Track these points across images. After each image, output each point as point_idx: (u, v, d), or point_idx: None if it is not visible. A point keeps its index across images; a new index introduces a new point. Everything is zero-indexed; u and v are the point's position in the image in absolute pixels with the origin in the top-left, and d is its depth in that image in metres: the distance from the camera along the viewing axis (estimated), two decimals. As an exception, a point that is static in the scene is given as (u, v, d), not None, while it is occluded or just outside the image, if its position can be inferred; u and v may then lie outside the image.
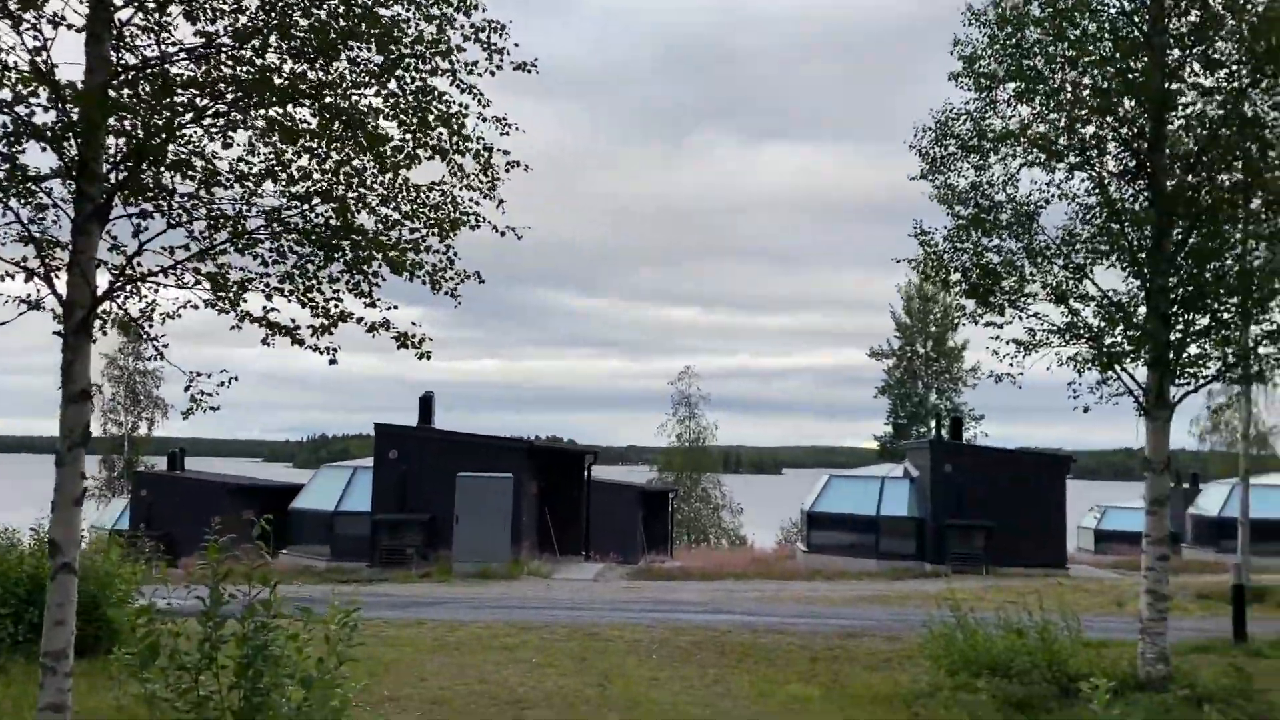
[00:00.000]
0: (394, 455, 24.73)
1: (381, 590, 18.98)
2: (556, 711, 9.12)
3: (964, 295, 10.83)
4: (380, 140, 6.03)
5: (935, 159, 10.91)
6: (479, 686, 10.03)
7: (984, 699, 9.46)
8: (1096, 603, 18.43)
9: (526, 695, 9.72)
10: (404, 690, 9.78)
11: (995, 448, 29.08)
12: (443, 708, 9.13)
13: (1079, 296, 10.67)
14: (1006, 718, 9.10)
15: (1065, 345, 10.79)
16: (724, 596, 18.87)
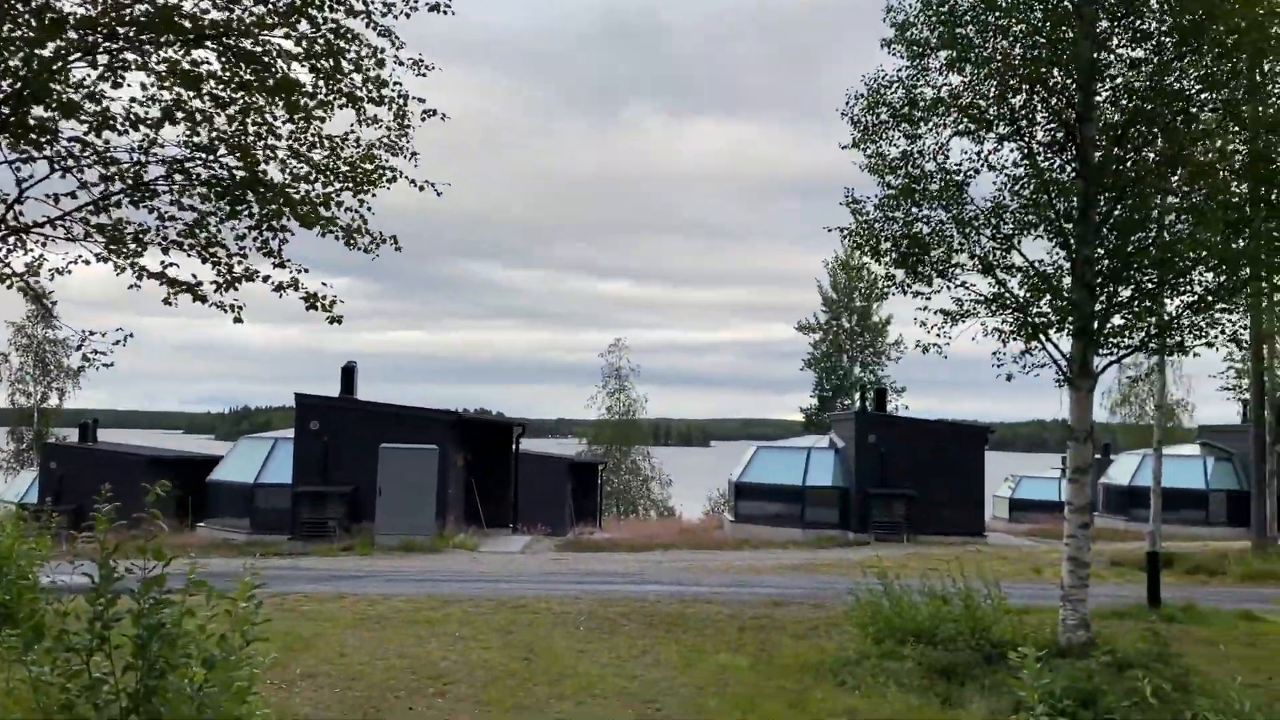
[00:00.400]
0: (315, 426, 24.14)
1: (302, 564, 18.52)
2: (480, 685, 8.90)
3: (894, 265, 10.78)
4: (290, 86, 5.66)
5: (867, 126, 10.81)
6: (399, 661, 9.76)
7: (910, 666, 9.47)
8: (1015, 570, 18.77)
9: (449, 669, 9.48)
10: (321, 667, 9.47)
11: (918, 418, 29.49)
12: (361, 683, 8.84)
13: (1006, 267, 10.69)
14: (931, 685, 9.11)
15: (992, 316, 10.83)
16: (652, 567, 18.80)
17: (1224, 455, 35.68)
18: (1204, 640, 11.98)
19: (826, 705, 8.60)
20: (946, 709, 8.51)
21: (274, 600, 13.30)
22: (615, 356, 58.89)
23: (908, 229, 10.73)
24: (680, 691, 8.94)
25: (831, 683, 9.40)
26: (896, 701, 8.63)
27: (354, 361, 25.46)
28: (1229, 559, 18.94)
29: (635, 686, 9.02)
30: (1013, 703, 8.35)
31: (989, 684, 9.12)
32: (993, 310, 10.67)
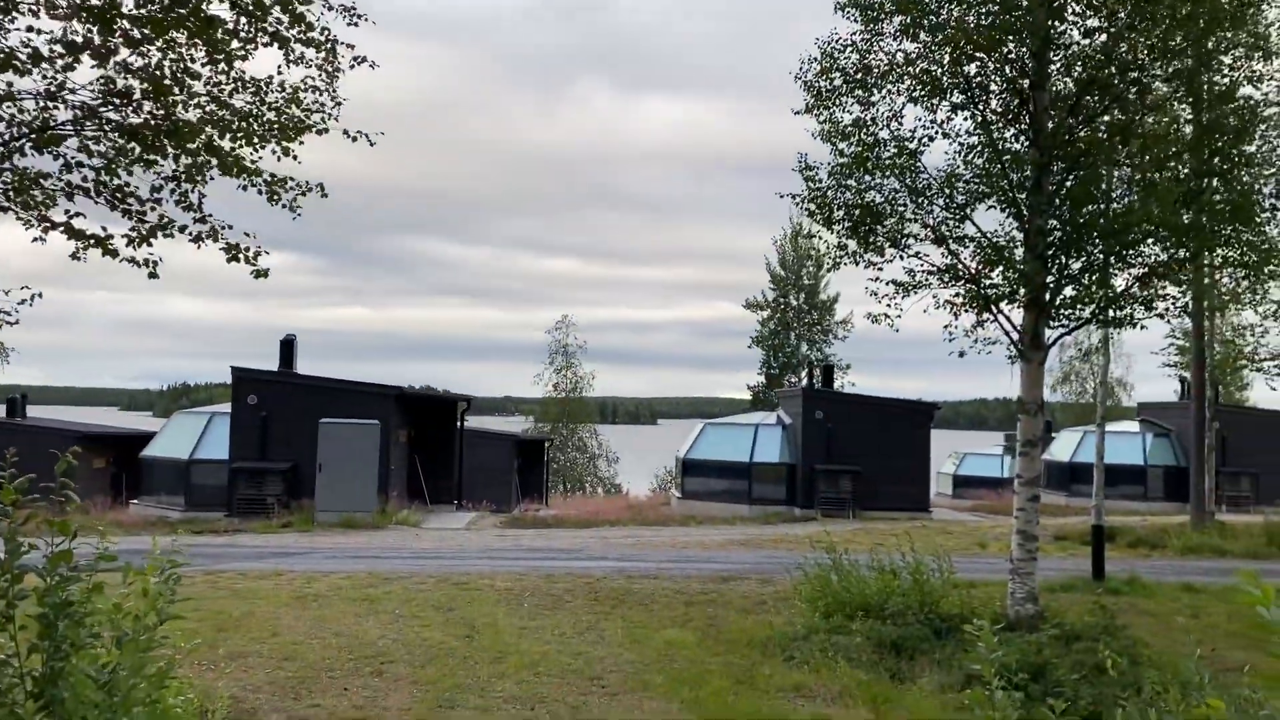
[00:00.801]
0: (253, 401, 23.50)
1: (238, 541, 18.01)
2: (418, 664, 8.59)
3: (846, 234, 10.58)
4: (211, 25, 5.24)
5: (820, 92, 10.59)
6: (335, 640, 9.41)
7: (859, 641, 9.35)
8: (960, 544, 18.84)
9: (387, 648, 9.16)
10: (252, 646, 9.09)
11: (864, 395, 29.57)
12: (293, 664, 8.49)
13: (959, 238, 10.55)
14: (881, 660, 9.00)
15: (944, 287, 10.70)
16: (598, 543, 18.57)
17: (1162, 432, 36.38)
18: (1148, 612, 12.06)
19: (775, 681, 8.43)
20: (896, 683, 8.40)
21: (207, 578, 12.87)
22: (562, 333, 58.55)
23: (860, 197, 10.53)
24: (626, 668, 8.72)
25: (779, 658, 9.25)
26: (846, 676, 8.49)
27: (293, 335, 24.81)
28: (1169, 533, 19.20)
29: (579, 664, 8.78)
30: (963, 677, 8.28)
31: (939, 658, 9.04)
32: (945, 281, 10.54)
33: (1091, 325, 11.05)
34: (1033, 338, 10.19)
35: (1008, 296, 10.34)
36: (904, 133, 10.42)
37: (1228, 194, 9.99)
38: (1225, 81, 10.19)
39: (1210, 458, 21.70)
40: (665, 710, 7.52)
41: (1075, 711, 7.35)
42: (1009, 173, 10.16)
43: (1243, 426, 34.25)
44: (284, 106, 5.48)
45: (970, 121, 10.52)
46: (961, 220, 10.48)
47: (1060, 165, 10.06)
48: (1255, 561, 17.23)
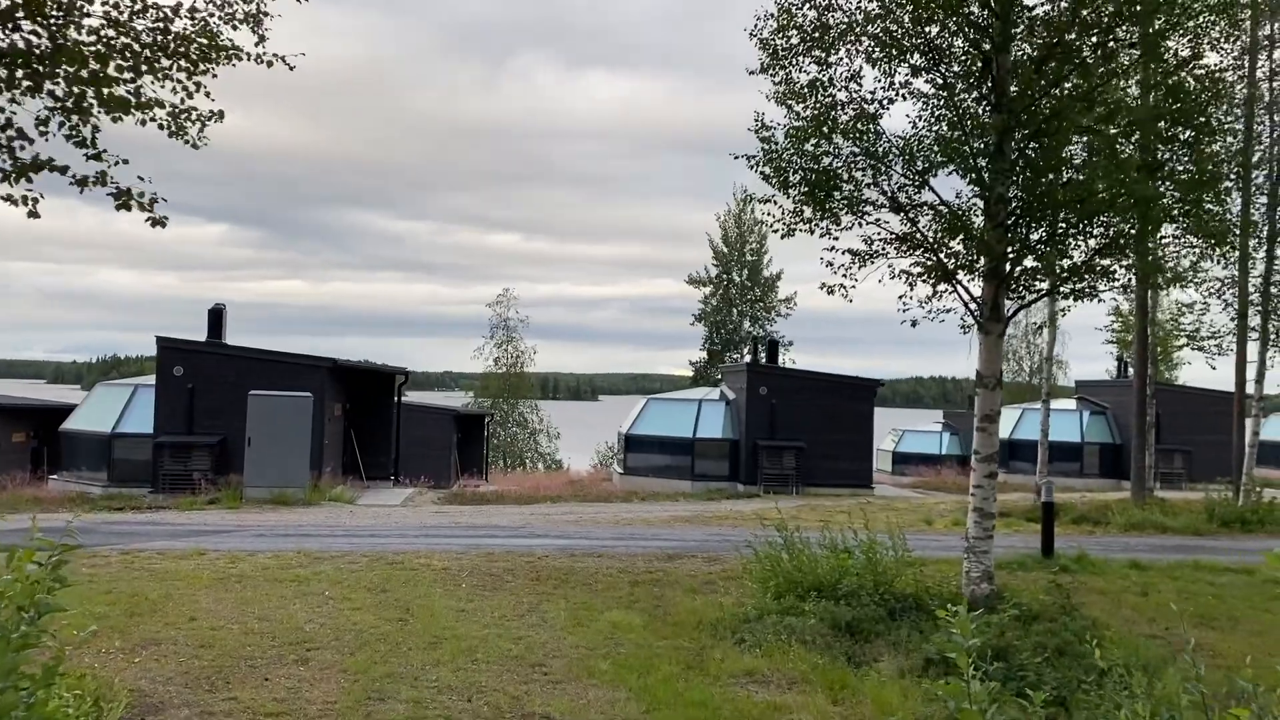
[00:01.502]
0: (179, 372, 22.53)
1: (161, 518, 17.19)
2: (347, 651, 8.03)
3: (803, 200, 10.14)
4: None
5: (776, 50, 10.11)
6: (258, 625, 8.80)
7: (812, 623, 8.99)
8: (906, 521, 18.61)
9: (315, 633, 8.57)
10: (167, 632, 8.45)
11: (809, 371, 29.36)
12: (211, 651, 7.87)
13: (917, 205, 10.18)
14: (836, 642, 8.64)
15: (902, 256, 10.33)
16: (539, 520, 18.07)
17: (1099, 410, 36.88)
18: (1099, 591, 11.89)
19: (726, 665, 8.03)
20: (854, 668, 8.04)
21: (123, 559, 12.14)
22: (503, 307, 57.76)
23: (816, 162, 10.10)
24: (569, 653, 8.26)
25: (730, 641, 8.85)
26: (800, 660, 8.12)
27: (222, 304, 23.84)
28: (1111, 509, 19.24)
29: (520, 649, 8.29)
30: (922, 661, 7.95)
31: (894, 640, 8.71)
32: (903, 250, 10.17)
33: (1053, 297, 10.76)
34: (992, 309, 9.87)
35: (967, 266, 10.00)
36: (863, 94, 9.99)
37: (1190, 164, 9.74)
38: (1187, 51, 9.90)
39: (1151, 435, 21.78)
40: (612, 699, 7.07)
41: (1041, 696, 7.06)
42: (970, 139, 9.80)
43: (1175, 405, 34.75)
44: (195, 35, 4.85)
45: (930, 85, 10.12)
46: (920, 187, 10.10)
47: (1023, 132, 9.71)
48: (1197, 538, 17.31)
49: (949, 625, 7.90)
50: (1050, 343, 21.45)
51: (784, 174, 9.96)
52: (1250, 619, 10.78)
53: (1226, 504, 18.97)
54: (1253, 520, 18.49)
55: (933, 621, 9.22)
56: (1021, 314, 60.92)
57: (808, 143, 10.07)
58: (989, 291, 9.87)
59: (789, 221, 10.24)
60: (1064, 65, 9.79)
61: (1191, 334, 21.91)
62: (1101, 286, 9.93)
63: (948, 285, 10.07)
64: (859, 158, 10.00)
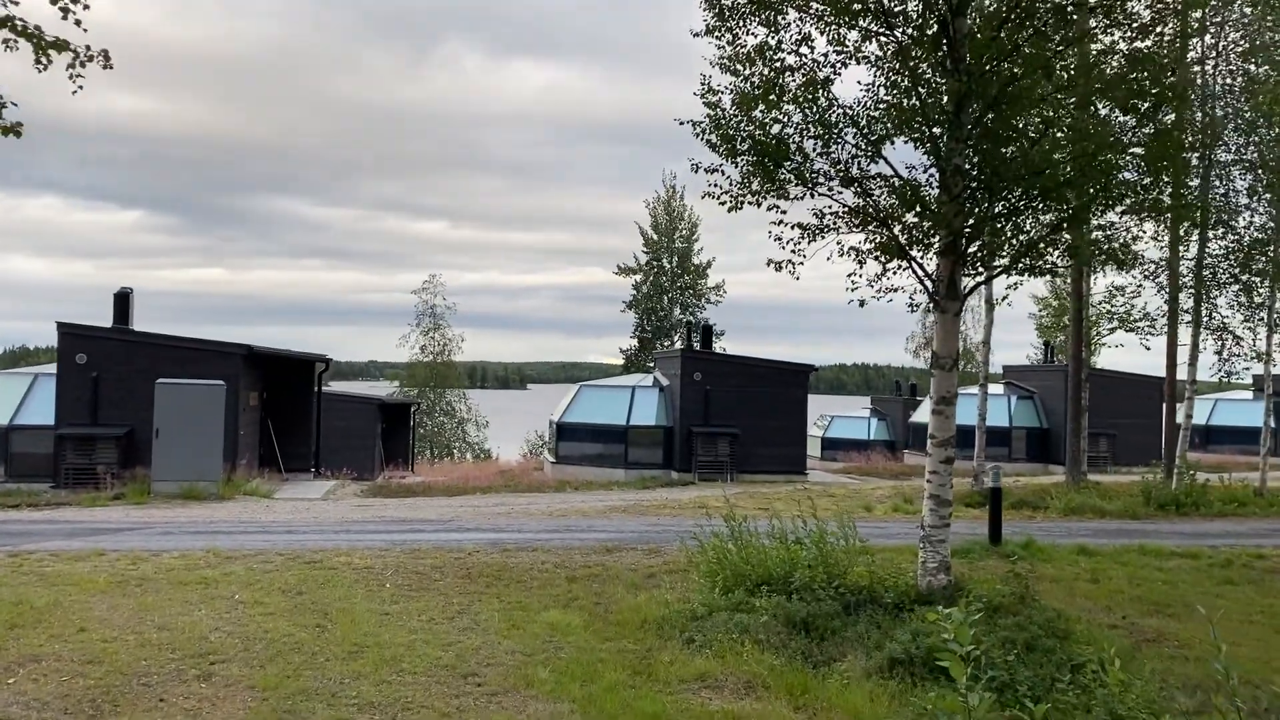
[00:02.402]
0: (82, 360, 21.16)
1: (60, 515, 15.99)
2: (257, 664, 7.22)
3: (751, 170, 9.53)
4: None
5: (723, 10, 9.47)
6: (157, 635, 7.92)
7: (765, 620, 8.41)
8: (845, 507, 18.21)
9: (220, 644, 7.74)
10: (51, 646, 7.54)
11: (742, 357, 28.92)
12: (100, 668, 7.00)
13: (870, 177, 9.65)
14: (790, 640, 8.08)
15: (853, 231, 9.80)
16: (469, 512, 17.28)
17: (1026, 394, 37.20)
18: (1050, 578, 11.58)
19: (676, 669, 7.41)
20: (813, 669, 7.48)
21: (10, 561, 11.11)
22: (429, 294, 56.50)
23: (764, 130, 9.49)
24: (504, 660, 7.56)
25: (679, 641, 8.24)
26: (755, 661, 7.54)
27: (128, 288, 22.46)
28: (1050, 494, 19.12)
29: (450, 656, 7.57)
30: (886, 660, 7.42)
31: (852, 637, 8.18)
32: (854, 225, 9.63)
33: (1008, 273, 10.34)
34: (948, 286, 9.39)
35: (921, 241, 9.51)
36: (814, 59, 9.40)
37: (1150, 137, 9.35)
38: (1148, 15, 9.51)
39: (1085, 418, 21.76)
40: (554, 713, 6.40)
41: (1017, 697, 6.59)
42: (926, 107, 9.28)
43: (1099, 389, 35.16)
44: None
45: (884, 50, 9.57)
46: (873, 158, 9.56)
47: (980, 101, 9.21)
48: (1135, 522, 17.24)
49: (913, 622, 7.38)
50: (988, 325, 21.21)
51: (731, 142, 9.34)
52: (1205, 605, 10.50)
53: (1161, 487, 18.97)
54: (1186, 503, 18.52)
55: (891, 616, 8.76)
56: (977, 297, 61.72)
57: (755, 109, 9.46)
58: (945, 268, 9.39)
59: (736, 193, 9.62)
60: (1022, 28, 9.32)
61: (1123, 317, 21.92)
62: (1063, 263, 9.51)
63: (901, 262, 9.56)
64: (810, 125, 9.42)
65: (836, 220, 9.68)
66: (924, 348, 62.96)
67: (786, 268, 9.89)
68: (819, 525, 10.03)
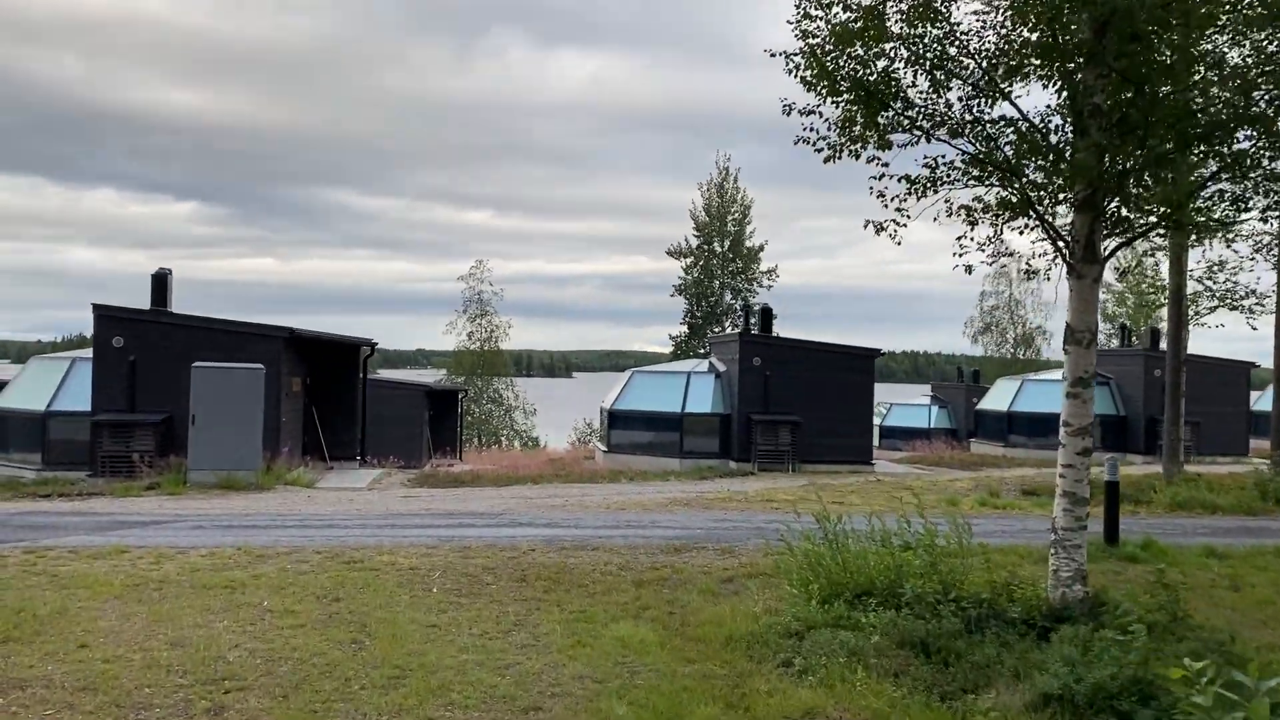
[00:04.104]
0: (119, 343, 20.32)
1: (89, 507, 15.09)
2: (279, 692, 6.08)
3: (855, 107, 8.17)
4: None
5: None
6: (168, 654, 6.81)
7: (876, 640, 7.12)
8: (928, 502, 16.77)
9: (239, 665, 6.61)
10: (45, 667, 6.46)
11: (804, 340, 27.43)
12: (94, 696, 5.89)
13: (992, 121, 8.26)
14: (909, 667, 6.77)
15: (968, 185, 8.42)
16: (521, 505, 16.13)
17: (1101, 380, 35.29)
18: (1181, 584, 10.10)
19: (777, 703, 6.15)
20: (943, 703, 6.18)
21: (24, 559, 10.11)
22: (476, 280, 55.55)
23: (867, 67, 8.14)
24: (572, 688, 6.35)
25: (773, 665, 6.97)
26: (871, 693, 6.25)
27: (167, 269, 21.61)
28: (1155, 487, 17.55)
29: (507, 683, 6.37)
30: (1037, 696, 6.07)
31: (979, 661, 6.85)
32: (972, 177, 8.25)
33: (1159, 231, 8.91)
34: (1086, 247, 7.99)
35: (1053, 195, 8.11)
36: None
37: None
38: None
39: (1181, 406, 20.11)
40: (638, 764, 5.17)
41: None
42: (1061, 36, 7.87)
43: (1183, 374, 33.25)
44: None
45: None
46: (995, 98, 8.18)
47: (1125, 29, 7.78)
48: (1253, 519, 15.65)
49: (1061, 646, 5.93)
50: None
51: (831, 77, 7.98)
52: (1378, 620, 9.04)
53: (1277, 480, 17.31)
54: (1306, 498, 16.86)
55: (1020, 635, 7.42)
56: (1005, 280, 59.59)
57: (854, 44, 8.11)
58: (1082, 226, 7.98)
59: (835, 140, 8.28)
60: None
61: (1224, 295, 20.19)
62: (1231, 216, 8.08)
63: (1027, 220, 8.17)
64: (920, 60, 8.06)
65: (950, 172, 8.30)
66: (983, 332, 60.91)
67: (890, 226, 8.55)
68: (928, 526, 8.70)
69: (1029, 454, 32.56)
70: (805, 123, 8.25)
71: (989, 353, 59.67)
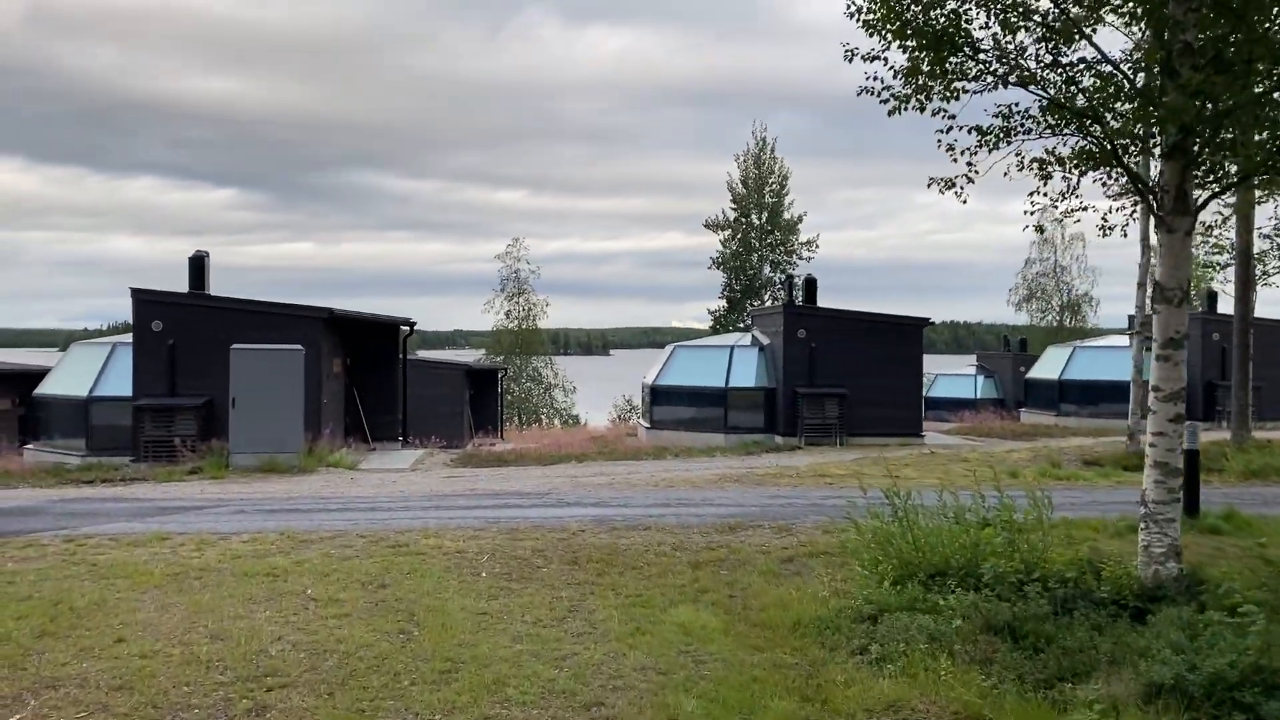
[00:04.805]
0: (158, 327, 20.16)
1: (131, 492, 14.91)
2: (325, 689, 5.71)
3: (923, 53, 7.60)
4: None
5: None
6: (209, 648, 6.47)
7: (958, 624, 6.63)
8: (988, 474, 16.15)
9: (282, 660, 6.25)
10: (79, 665, 6.14)
11: (851, 311, 26.74)
12: (130, 696, 5.55)
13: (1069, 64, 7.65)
14: (995, 653, 6.27)
15: (1044, 135, 7.82)
16: (567, 484, 15.75)
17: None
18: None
19: (856, 695, 5.68)
20: (1037, 693, 5.67)
21: (64, 548, 9.86)
22: (513, 258, 55.23)
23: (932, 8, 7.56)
24: (634, 680, 5.93)
25: (847, 652, 6.51)
26: (959, 684, 5.76)
27: (204, 251, 21.39)
28: (1227, 455, 16.82)
29: (566, 677, 5.96)
30: (1142, 685, 5.55)
31: (1071, 646, 6.32)
32: (1049, 124, 7.65)
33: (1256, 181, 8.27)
34: (1176, 198, 7.38)
35: (1139, 143, 7.50)
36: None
37: None
38: None
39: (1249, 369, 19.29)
40: (713, 767, 4.74)
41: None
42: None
43: (1239, 337, 32.17)
44: None
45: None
46: (1072, 39, 7.56)
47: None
48: (1335, 486, 14.91)
49: (1167, 630, 5.37)
50: (1146, 264, 18.83)
51: (900, 18, 7.42)
52: None
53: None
54: (1387, 464, 16.06)
55: (1111, 618, 6.88)
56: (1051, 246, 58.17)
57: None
58: (1172, 175, 7.37)
59: (900, 89, 7.71)
60: None
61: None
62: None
63: (1111, 169, 7.57)
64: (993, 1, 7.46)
65: (1025, 121, 7.71)
66: (1027, 300, 59.59)
67: (960, 181, 7.98)
68: (1004, 500, 8.17)
69: (1081, 423, 31.73)
70: (869, 70, 7.69)
71: (1033, 321, 58.49)
